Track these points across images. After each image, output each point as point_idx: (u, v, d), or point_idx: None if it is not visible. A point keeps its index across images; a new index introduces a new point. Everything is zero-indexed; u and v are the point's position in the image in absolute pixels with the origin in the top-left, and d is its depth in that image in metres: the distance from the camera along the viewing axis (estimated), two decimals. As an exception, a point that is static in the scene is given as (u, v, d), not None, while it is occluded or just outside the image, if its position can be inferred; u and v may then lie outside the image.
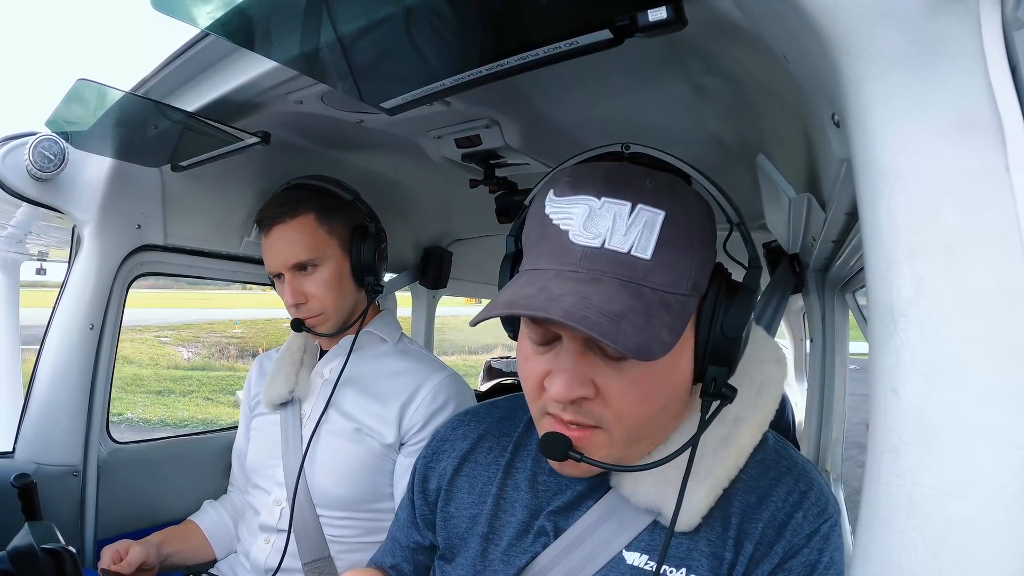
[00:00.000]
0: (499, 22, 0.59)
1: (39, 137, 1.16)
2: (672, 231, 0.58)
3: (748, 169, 1.09)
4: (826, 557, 0.63)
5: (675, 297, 0.58)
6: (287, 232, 1.19)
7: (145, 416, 10.26)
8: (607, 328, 0.52)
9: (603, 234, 0.57)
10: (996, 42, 0.34)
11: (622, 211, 0.58)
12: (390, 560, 0.87)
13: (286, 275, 1.20)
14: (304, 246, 1.19)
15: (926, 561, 0.33)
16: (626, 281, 0.57)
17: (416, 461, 0.86)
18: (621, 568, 0.67)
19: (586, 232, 0.58)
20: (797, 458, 0.69)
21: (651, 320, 0.56)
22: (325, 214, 1.21)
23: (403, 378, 1.22)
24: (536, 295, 0.56)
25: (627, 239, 0.57)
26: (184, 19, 0.60)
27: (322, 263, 1.20)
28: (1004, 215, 0.33)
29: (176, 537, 1.27)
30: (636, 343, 0.53)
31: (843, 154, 0.54)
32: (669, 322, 0.57)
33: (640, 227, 0.57)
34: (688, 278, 0.59)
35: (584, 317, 0.53)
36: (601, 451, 0.63)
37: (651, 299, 0.57)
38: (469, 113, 1.09)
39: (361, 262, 1.24)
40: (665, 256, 0.58)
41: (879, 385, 0.37)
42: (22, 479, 0.95)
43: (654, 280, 0.58)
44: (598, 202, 0.58)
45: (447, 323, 19.19)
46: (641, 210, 0.58)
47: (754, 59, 0.68)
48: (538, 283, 0.58)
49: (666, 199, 0.59)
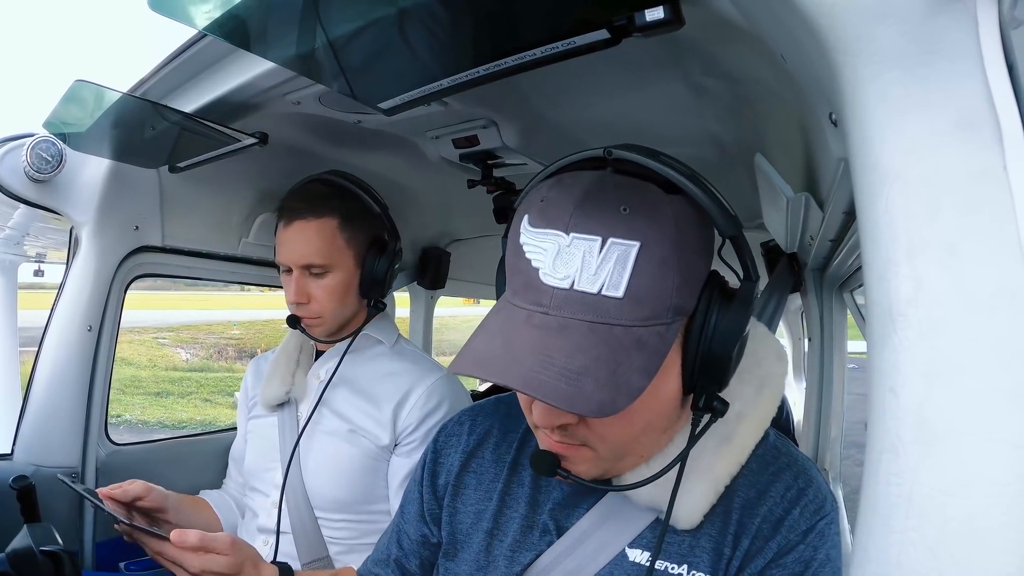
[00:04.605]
0: (497, 22, 0.59)
1: (37, 138, 1.16)
2: (648, 262, 0.55)
3: (746, 169, 1.09)
4: (821, 554, 0.63)
5: (652, 331, 0.56)
6: (306, 231, 1.16)
7: (144, 418, 10.25)
8: (564, 392, 0.52)
9: (572, 275, 0.55)
10: (993, 41, 0.34)
11: (592, 247, 0.55)
12: (395, 552, 0.87)
13: (295, 271, 1.19)
14: (319, 250, 1.17)
15: (925, 560, 0.33)
16: (596, 323, 0.55)
17: (423, 455, 0.86)
18: (624, 565, 0.67)
19: (555, 272, 0.56)
20: (796, 455, 0.69)
21: (619, 368, 0.54)
22: (348, 221, 1.19)
23: (397, 379, 1.22)
24: (501, 354, 0.56)
25: (597, 278, 0.55)
26: (182, 20, 0.60)
27: (333, 270, 1.19)
28: (1002, 214, 0.33)
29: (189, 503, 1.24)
30: (597, 402, 0.52)
31: (841, 154, 0.54)
32: (641, 363, 0.55)
33: (611, 264, 0.55)
34: (668, 307, 0.57)
35: (542, 383, 0.52)
36: (588, 465, 0.64)
37: (622, 340, 0.55)
38: (467, 113, 1.09)
39: (371, 278, 1.22)
40: (640, 290, 0.55)
41: (878, 384, 0.37)
42: (21, 481, 0.95)
43: (627, 317, 0.55)
44: (566, 239, 0.56)
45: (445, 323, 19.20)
46: (612, 245, 0.55)
47: (752, 59, 0.68)
48: (507, 333, 0.57)
49: (642, 225, 0.55)
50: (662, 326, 0.57)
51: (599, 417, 0.52)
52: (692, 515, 0.64)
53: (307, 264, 1.18)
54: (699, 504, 0.64)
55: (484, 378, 0.56)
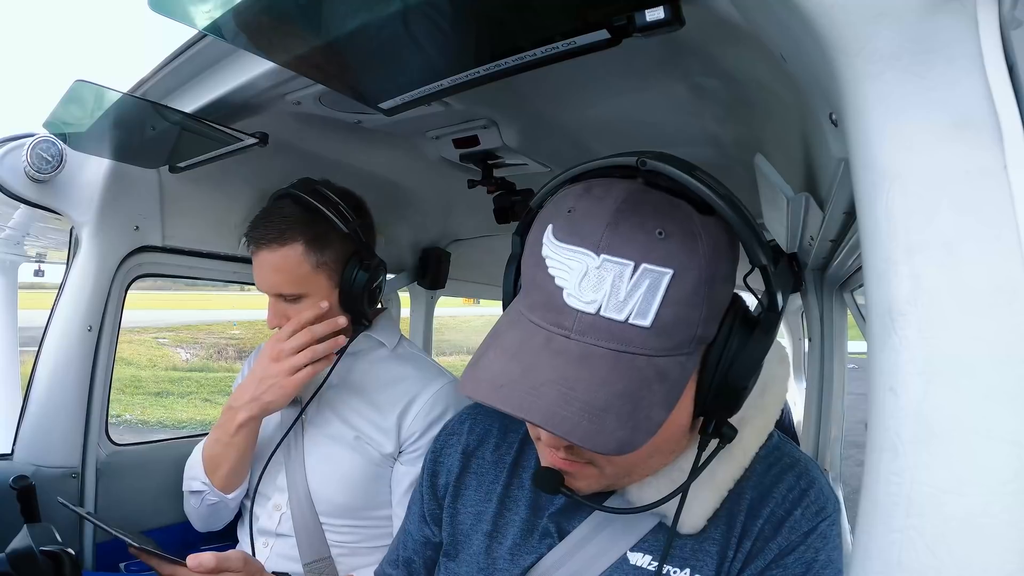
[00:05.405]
0: (497, 22, 0.59)
1: (37, 139, 1.16)
2: (679, 290, 0.52)
3: (746, 169, 1.09)
4: (823, 555, 0.63)
5: (674, 360, 0.54)
6: (272, 259, 1.12)
7: (144, 418, 10.24)
8: (587, 430, 0.50)
9: (599, 300, 0.52)
10: (994, 41, 0.34)
11: (623, 272, 0.52)
12: (403, 553, 0.88)
13: (270, 298, 1.17)
14: (287, 279, 1.13)
15: (925, 559, 0.33)
16: (621, 353, 0.53)
17: (426, 455, 0.86)
18: (625, 569, 0.67)
19: (581, 295, 0.53)
20: (799, 456, 0.69)
21: (640, 402, 0.52)
22: (314, 244, 1.13)
23: (401, 386, 1.21)
24: (519, 380, 0.53)
25: (625, 305, 0.52)
26: (182, 20, 0.60)
27: (307, 296, 1.15)
28: (1002, 213, 0.33)
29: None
30: (617, 440, 0.50)
31: (841, 153, 0.54)
32: (662, 396, 0.53)
33: (642, 291, 0.52)
34: (693, 337, 0.55)
35: (564, 419, 0.50)
36: (592, 482, 0.64)
37: (644, 372, 0.53)
38: (467, 113, 1.09)
39: (350, 295, 1.17)
40: (668, 320, 0.53)
41: (877, 384, 0.37)
42: (21, 481, 0.95)
43: (652, 347, 0.53)
44: (596, 260, 0.52)
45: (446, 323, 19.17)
46: (645, 271, 0.52)
47: (751, 59, 0.68)
48: (525, 356, 0.54)
49: (676, 251, 0.52)
50: (684, 356, 0.55)
51: (619, 454, 0.51)
52: (696, 520, 0.64)
53: (278, 293, 1.15)
54: (703, 509, 0.64)
55: (501, 409, 0.52)
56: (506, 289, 0.67)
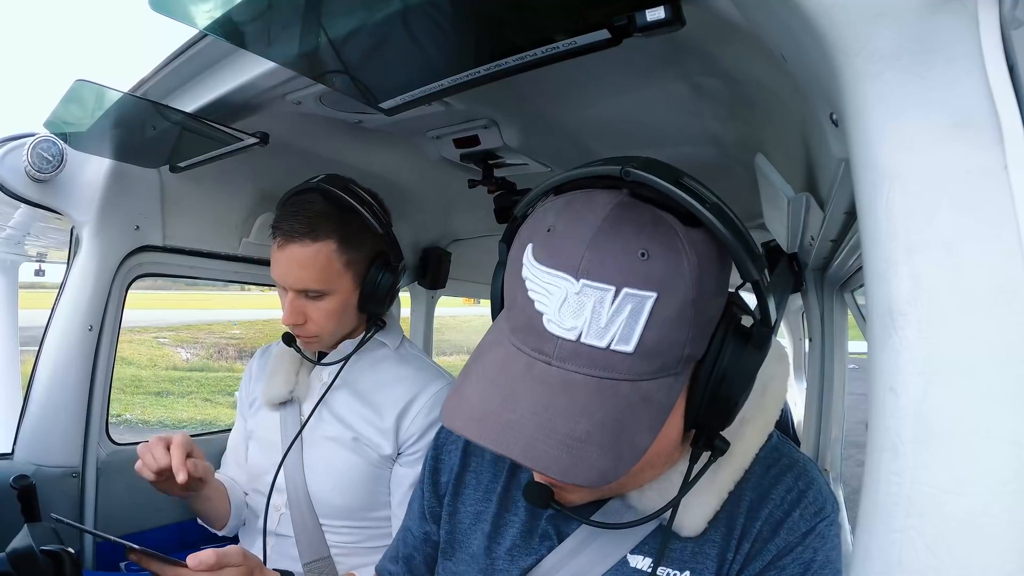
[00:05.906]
0: (498, 22, 0.59)
1: (37, 138, 1.16)
2: (663, 313, 0.50)
3: (746, 169, 1.09)
4: (821, 556, 0.62)
5: (662, 382, 0.53)
6: (301, 255, 1.09)
7: (144, 417, 10.25)
8: (566, 464, 0.49)
9: (579, 327, 0.50)
10: (994, 41, 0.34)
11: (603, 298, 0.50)
12: (403, 550, 0.88)
13: (290, 293, 1.14)
14: (316, 276, 1.10)
15: (925, 559, 0.33)
16: (603, 379, 0.51)
17: (428, 452, 0.86)
18: (625, 571, 0.67)
19: (562, 321, 0.51)
20: (798, 456, 0.69)
21: (624, 430, 0.51)
22: (347, 242, 1.11)
23: (400, 387, 1.20)
24: (498, 411, 0.52)
25: (607, 331, 0.50)
26: (182, 20, 0.60)
27: (331, 294, 1.13)
28: (1002, 213, 0.33)
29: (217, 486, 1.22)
30: (599, 471, 0.49)
31: (841, 153, 0.54)
32: (647, 421, 0.52)
33: (624, 316, 0.50)
34: (680, 358, 0.53)
35: (543, 454, 0.49)
36: (583, 495, 0.64)
37: (628, 397, 0.51)
38: (468, 113, 1.09)
39: (372, 297, 1.16)
40: (652, 343, 0.51)
41: (878, 384, 0.37)
42: (21, 480, 0.95)
43: (636, 372, 0.51)
44: (575, 285, 0.50)
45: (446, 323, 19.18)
46: (627, 296, 0.50)
47: (752, 59, 0.68)
48: (505, 383, 0.53)
49: (660, 273, 0.50)
50: (671, 377, 0.54)
51: (599, 485, 0.50)
52: (697, 523, 0.64)
53: (302, 289, 1.12)
54: (703, 512, 0.64)
55: (478, 443, 0.52)
56: (494, 296, 0.65)
